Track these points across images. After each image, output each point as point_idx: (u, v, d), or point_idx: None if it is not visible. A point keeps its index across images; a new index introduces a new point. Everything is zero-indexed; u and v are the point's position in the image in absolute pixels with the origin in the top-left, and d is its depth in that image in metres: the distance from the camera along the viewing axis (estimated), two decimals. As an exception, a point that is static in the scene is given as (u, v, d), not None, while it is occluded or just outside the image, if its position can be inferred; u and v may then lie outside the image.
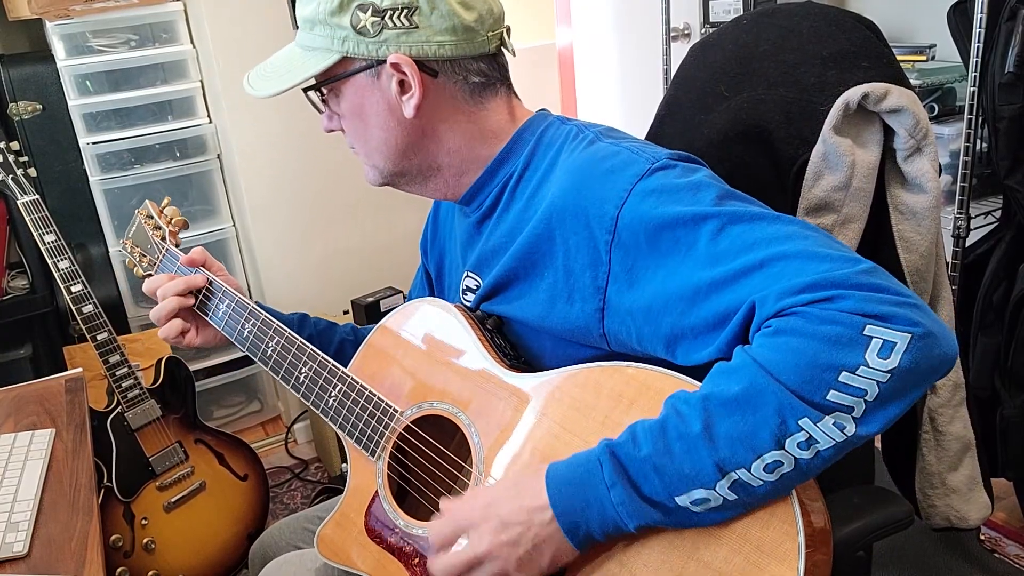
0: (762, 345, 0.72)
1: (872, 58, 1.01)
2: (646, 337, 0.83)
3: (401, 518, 0.98)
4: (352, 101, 0.96)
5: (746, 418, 0.70)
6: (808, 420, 0.69)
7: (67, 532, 1.04)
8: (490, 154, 0.99)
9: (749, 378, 0.71)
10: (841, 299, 0.69)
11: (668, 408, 0.75)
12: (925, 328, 0.68)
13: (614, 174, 0.85)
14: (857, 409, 0.69)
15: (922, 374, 0.69)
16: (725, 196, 0.81)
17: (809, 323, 0.69)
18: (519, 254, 0.93)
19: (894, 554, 1.87)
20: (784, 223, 0.78)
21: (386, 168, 1.00)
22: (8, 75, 2.15)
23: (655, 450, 0.74)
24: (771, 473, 0.70)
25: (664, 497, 0.74)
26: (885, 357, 0.67)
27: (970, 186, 1.75)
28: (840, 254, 0.73)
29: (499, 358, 0.94)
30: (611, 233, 0.83)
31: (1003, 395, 1.78)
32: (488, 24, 0.93)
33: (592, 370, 0.86)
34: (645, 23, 2.75)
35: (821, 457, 0.70)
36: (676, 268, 0.79)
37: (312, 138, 2.45)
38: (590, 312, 0.87)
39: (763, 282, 0.73)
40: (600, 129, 0.95)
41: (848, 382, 0.68)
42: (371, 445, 1.01)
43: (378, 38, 0.90)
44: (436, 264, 1.19)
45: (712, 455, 0.71)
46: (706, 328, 0.77)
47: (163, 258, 1.24)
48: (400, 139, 0.96)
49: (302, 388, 1.07)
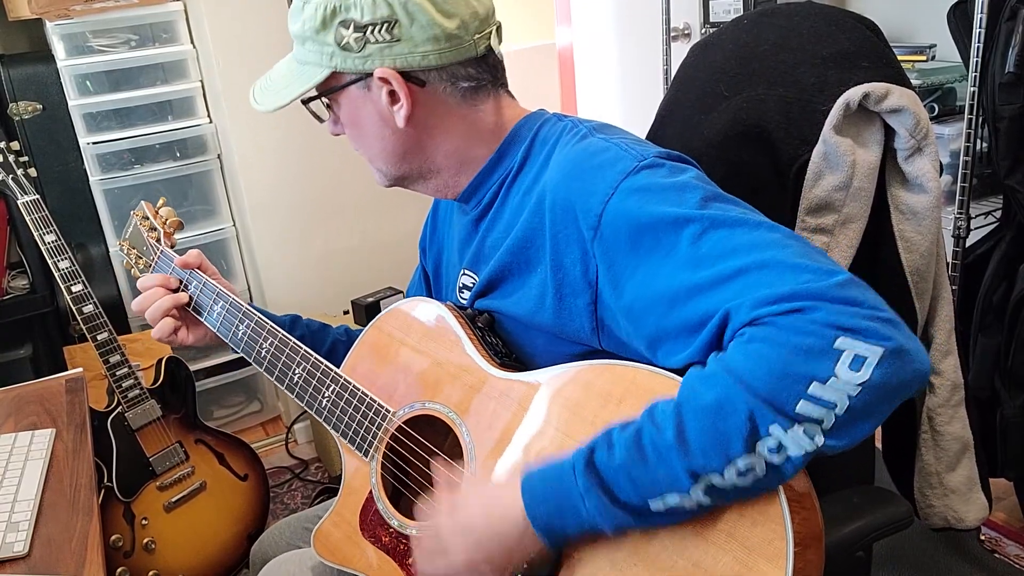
0: (735, 352, 0.72)
1: (872, 58, 1.01)
2: (631, 335, 0.84)
3: (395, 518, 0.99)
4: (348, 112, 0.98)
5: (717, 425, 0.71)
6: (778, 427, 0.69)
7: (67, 532, 1.04)
8: (487, 153, 0.99)
9: (722, 386, 0.71)
10: (813, 311, 0.69)
11: (645, 416, 0.76)
12: (897, 343, 0.68)
13: (601, 170, 0.86)
14: (827, 421, 0.69)
15: (893, 389, 0.69)
16: (710, 198, 0.81)
17: (781, 333, 0.69)
18: (513, 248, 0.94)
19: (894, 554, 1.87)
20: (766, 229, 0.78)
21: (388, 171, 1.01)
22: (8, 75, 2.15)
23: (629, 458, 0.74)
24: (743, 477, 0.71)
25: (638, 502, 0.74)
26: (856, 370, 0.67)
27: (970, 186, 1.75)
28: (818, 265, 0.73)
29: (490, 357, 0.94)
30: (594, 229, 0.84)
31: (1003, 395, 1.78)
32: (473, 28, 0.93)
33: (581, 369, 0.86)
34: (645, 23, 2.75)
35: (792, 463, 0.70)
36: (657, 269, 0.80)
37: (312, 138, 2.45)
38: (582, 307, 0.88)
39: (740, 290, 0.73)
40: (593, 125, 0.96)
41: (818, 394, 0.68)
42: (364, 445, 1.02)
43: (362, 53, 0.91)
44: (434, 263, 1.19)
45: (685, 462, 0.72)
46: (683, 332, 0.78)
47: (158, 259, 1.24)
48: (396, 146, 0.98)
49: (296, 389, 1.07)
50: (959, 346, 1.09)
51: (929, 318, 1.07)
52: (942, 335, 1.07)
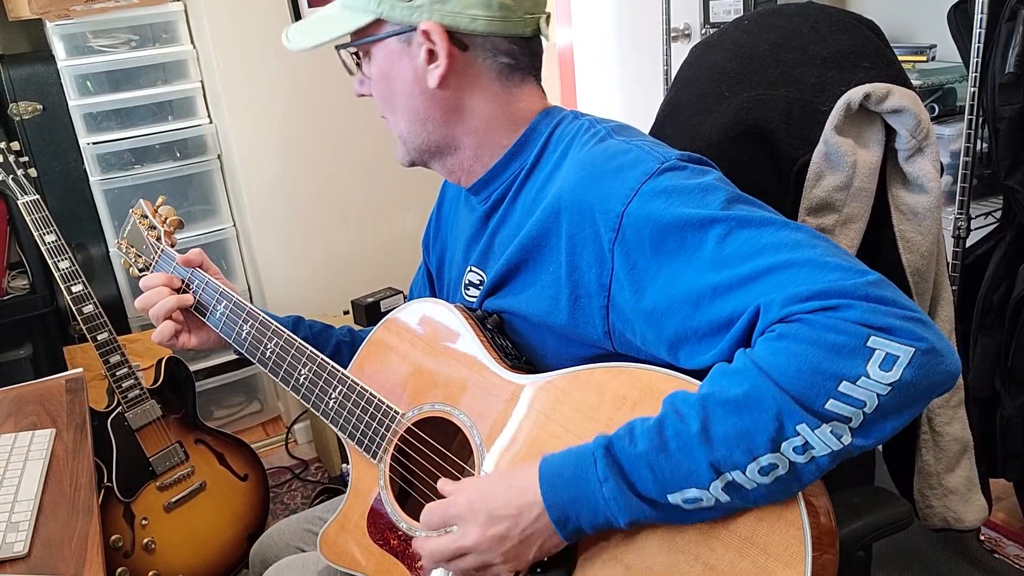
0: (764, 349, 0.71)
1: (873, 58, 1.01)
2: (649, 339, 0.83)
3: (404, 520, 0.98)
4: (380, 66, 0.96)
5: (744, 420, 0.70)
6: (806, 426, 0.69)
7: (67, 532, 1.04)
8: (506, 143, 0.98)
9: (749, 381, 0.71)
10: (847, 308, 0.69)
11: (667, 406, 0.75)
12: (929, 343, 0.68)
13: (622, 172, 0.85)
14: (855, 420, 0.68)
15: (923, 390, 0.69)
16: (734, 200, 0.80)
17: (813, 330, 0.69)
18: (523, 246, 0.93)
19: (894, 554, 1.87)
20: (792, 230, 0.77)
21: (411, 140, 0.99)
22: (8, 75, 2.15)
23: (651, 447, 0.74)
24: (766, 476, 0.70)
25: (657, 494, 0.74)
26: (887, 370, 0.67)
27: (970, 186, 1.75)
28: (849, 264, 0.73)
29: (500, 359, 0.93)
30: (615, 231, 0.83)
31: (1003, 395, 1.77)
32: (526, 6, 0.93)
33: (595, 371, 0.85)
34: (645, 23, 2.75)
35: (816, 464, 0.70)
36: (680, 271, 0.79)
37: (312, 138, 2.45)
38: (595, 310, 0.87)
39: (769, 288, 0.73)
40: (612, 125, 0.95)
41: (848, 392, 0.68)
42: (372, 447, 1.01)
43: (412, 3, 0.90)
44: (437, 260, 1.18)
45: (708, 455, 0.71)
46: (710, 332, 0.77)
47: (159, 258, 1.22)
48: (422, 109, 0.96)
49: (302, 390, 1.06)
50: (959, 346, 1.09)
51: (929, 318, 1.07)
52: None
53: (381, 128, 1.02)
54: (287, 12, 2.31)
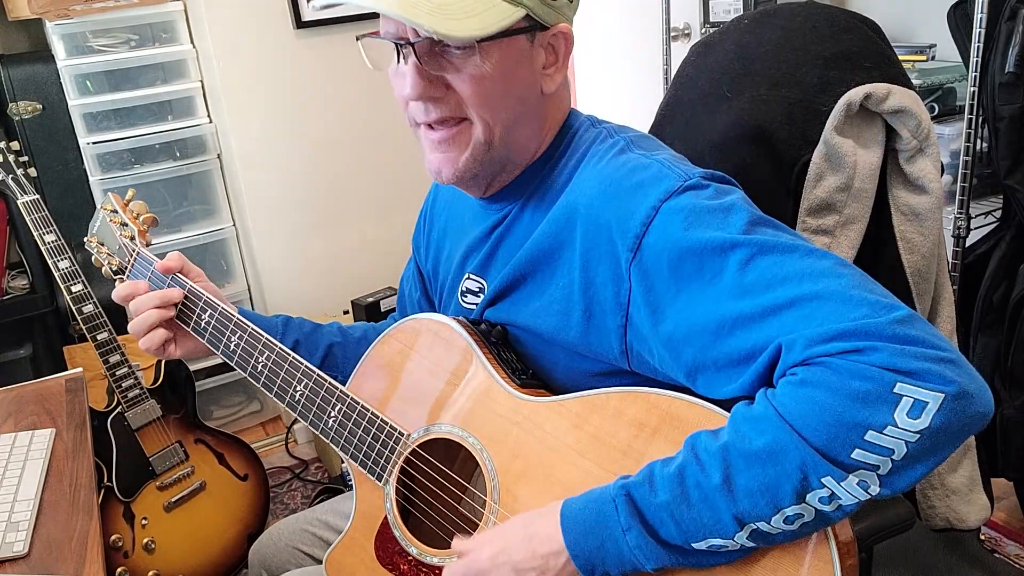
0: (787, 395, 0.69)
1: (874, 58, 1.01)
2: (667, 363, 0.80)
3: (414, 545, 0.95)
4: (502, 65, 0.85)
5: (767, 472, 0.68)
6: (831, 479, 0.67)
7: (67, 532, 1.04)
8: (537, 150, 0.93)
9: (772, 431, 0.68)
10: (872, 352, 0.65)
11: (688, 452, 0.73)
12: (959, 387, 0.65)
13: (642, 189, 0.81)
14: (883, 467, 0.66)
15: (953, 434, 0.65)
16: (757, 222, 0.77)
17: (837, 376, 0.66)
18: (531, 256, 0.90)
19: (894, 553, 1.87)
20: (817, 257, 0.73)
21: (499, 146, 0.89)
22: (8, 75, 2.15)
23: (672, 497, 0.72)
24: (791, 524, 0.69)
25: (681, 542, 0.72)
26: (915, 417, 0.64)
27: (970, 186, 1.75)
28: (875, 298, 0.69)
29: (508, 376, 0.89)
30: (633, 251, 0.80)
31: (1003, 395, 1.78)
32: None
33: (612, 395, 0.82)
34: (645, 23, 2.75)
35: (843, 511, 0.68)
36: (699, 297, 0.76)
37: (312, 138, 2.45)
38: (612, 328, 0.84)
39: (792, 323, 0.70)
40: (631, 136, 0.91)
41: (875, 441, 0.65)
42: (377, 469, 0.97)
43: (556, 3, 0.86)
44: (432, 261, 1.14)
45: (731, 508, 0.70)
46: (729, 364, 0.74)
47: (134, 262, 1.14)
48: (529, 114, 0.89)
49: (298, 408, 1.01)
50: (959, 346, 1.09)
51: (930, 318, 1.07)
52: (943, 335, 1.07)
53: (381, 128, 1.01)
54: (287, 12, 2.31)
